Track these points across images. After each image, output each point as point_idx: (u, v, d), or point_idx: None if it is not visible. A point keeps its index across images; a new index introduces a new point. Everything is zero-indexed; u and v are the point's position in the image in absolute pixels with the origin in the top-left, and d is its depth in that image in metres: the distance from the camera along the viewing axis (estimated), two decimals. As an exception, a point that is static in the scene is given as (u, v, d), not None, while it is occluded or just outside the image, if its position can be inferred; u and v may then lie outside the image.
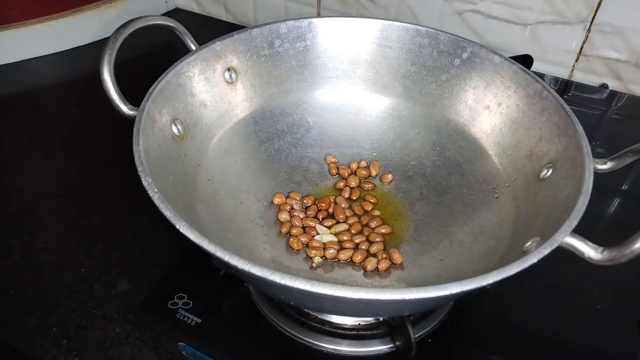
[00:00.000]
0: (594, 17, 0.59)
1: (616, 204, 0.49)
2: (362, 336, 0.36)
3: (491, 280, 0.25)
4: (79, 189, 0.50)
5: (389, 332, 0.36)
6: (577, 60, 0.63)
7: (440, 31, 0.45)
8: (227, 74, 0.43)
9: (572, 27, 0.60)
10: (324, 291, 0.23)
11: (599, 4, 0.57)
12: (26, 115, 0.60)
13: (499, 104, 0.42)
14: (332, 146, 0.48)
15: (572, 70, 0.64)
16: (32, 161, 0.53)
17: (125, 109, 0.36)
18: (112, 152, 0.54)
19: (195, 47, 0.42)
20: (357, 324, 0.36)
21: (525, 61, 0.57)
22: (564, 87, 0.64)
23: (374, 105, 0.48)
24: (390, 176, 0.46)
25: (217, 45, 0.42)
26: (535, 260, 0.26)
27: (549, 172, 0.36)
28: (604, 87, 0.63)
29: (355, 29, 0.47)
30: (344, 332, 0.36)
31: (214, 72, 0.42)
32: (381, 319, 0.36)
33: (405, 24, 0.46)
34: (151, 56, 0.71)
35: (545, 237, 0.28)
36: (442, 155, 0.45)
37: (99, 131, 0.57)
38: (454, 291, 0.24)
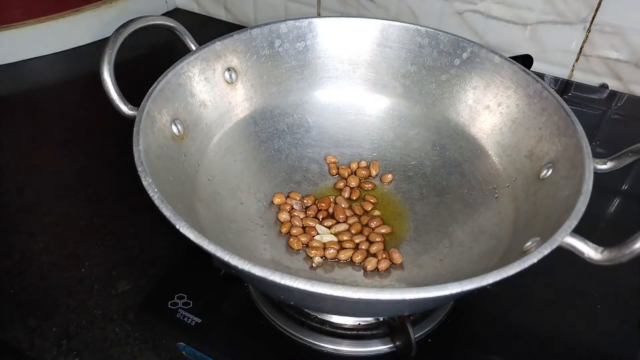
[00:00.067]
0: (594, 17, 0.59)
1: (616, 204, 0.49)
2: (362, 336, 0.36)
3: (491, 280, 0.25)
4: (79, 189, 0.50)
5: (389, 332, 0.36)
6: (577, 60, 0.63)
7: (440, 31, 0.45)
8: (227, 74, 0.43)
9: (572, 27, 0.60)
10: (324, 291, 0.23)
11: (599, 4, 0.57)
12: (26, 115, 0.60)
13: (499, 104, 0.42)
14: (332, 146, 0.48)
15: (572, 70, 0.64)
16: (32, 161, 0.53)
17: (125, 109, 0.36)
18: (112, 152, 0.54)
19: (195, 47, 0.42)
20: (357, 324, 0.36)
21: (525, 61, 0.57)
22: (564, 87, 0.64)
23: (374, 105, 0.48)
24: (390, 176, 0.46)
25: (217, 45, 0.42)
26: (535, 260, 0.26)
27: (549, 172, 0.36)
28: (604, 87, 0.63)
29: (355, 29, 0.47)
30: (344, 332, 0.36)
31: (214, 72, 0.42)
32: (381, 319, 0.36)
33: (405, 24, 0.46)
34: (151, 56, 0.71)
35: (545, 237, 0.28)
36: (442, 155, 0.45)
37: (99, 131, 0.57)
38: (454, 291, 0.24)
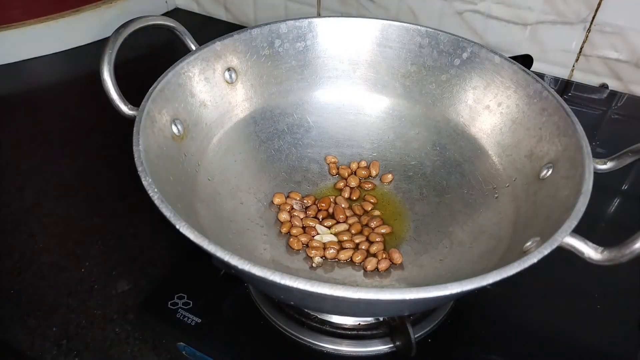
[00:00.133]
0: (594, 17, 0.59)
1: (616, 204, 0.49)
2: (362, 336, 0.36)
3: (491, 280, 0.25)
4: (79, 189, 0.50)
5: (389, 332, 0.36)
6: (577, 60, 0.63)
7: (440, 31, 0.45)
8: (227, 74, 0.43)
9: (572, 27, 0.60)
10: (324, 291, 0.23)
11: (599, 4, 0.57)
12: (26, 115, 0.60)
13: (499, 104, 0.42)
14: (332, 146, 0.48)
15: (572, 70, 0.64)
16: (32, 161, 0.53)
17: (125, 109, 0.36)
18: (112, 152, 0.54)
19: (195, 47, 0.42)
20: (357, 324, 0.36)
21: (525, 61, 0.57)
22: (564, 87, 0.64)
23: (374, 105, 0.48)
24: (390, 176, 0.46)
25: (217, 45, 0.42)
26: (535, 260, 0.26)
27: (549, 172, 0.36)
28: (604, 87, 0.63)
29: (355, 29, 0.47)
30: (344, 332, 0.36)
31: (214, 72, 0.42)
32: (381, 319, 0.36)
33: (405, 24, 0.46)
34: (151, 56, 0.71)
35: (545, 237, 0.28)
36: (442, 155, 0.45)
37: (99, 131, 0.57)
38: (454, 291, 0.24)
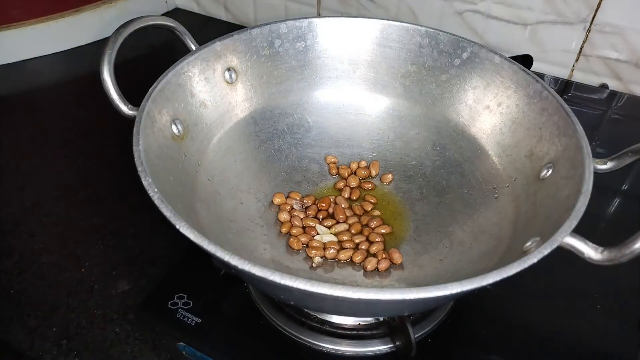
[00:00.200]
0: (594, 17, 0.59)
1: (616, 204, 0.49)
2: (362, 336, 0.36)
3: (491, 280, 0.25)
4: (79, 189, 0.50)
5: (389, 332, 0.36)
6: (577, 60, 0.63)
7: (440, 31, 0.45)
8: (227, 74, 0.43)
9: (572, 27, 0.60)
10: (324, 291, 0.23)
11: (599, 4, 0.57)
12: (26, 115, 0.60)
13: (499, 104, 0.42)
14: (332, 146, 0.48)
15: (572, 70, 0.64)
16: (32, 161, 0.53)
17: (125, 109, 0.36)
18: (112, 152, 0.54)
19: (195, 47, 0.42)
20: (357, 324, 0.36)
21: (525, 61, 0.57)
22: (564, 87, 0.64)
23: (374, 105, 0.48)
24: (390, 176, 0.46)
25: (217, 45, 0.42)
26: (535, 260, 0.26)
27: (549, 172, 0.36)
28: (604, 87, 0.63)
29: (355, 29, 0.47)
30: (344, 332, 0.36)
31: (214, 72, 0.42)
32: (381, 319, 0.36)
33: (405, 24, 0.46)
34: (151, 56, 0.71)
35: (545, 237, 0.28)
36: (442, 155, 0.45)
37: (99, 131, 0.57)
38: (454, 291, 0.24)
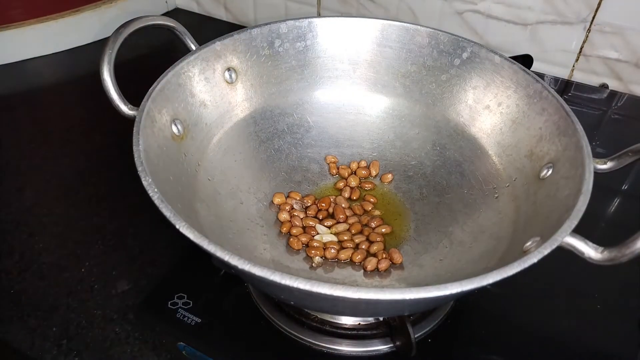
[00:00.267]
0: (594, 17, 0.59)
1: (616, 204, 0.49)
2: (362, 336, 0.36)
3: (491, 280, 0.25)
4: (79, 189, 0.50)
5: (389, 332, 0.36)
6: (577, 60, 0.63)
7: (440, 31, 0.45)
8: (227, 74, 0.43)
9: (572, 27, 0.60)
10: (324, 291, 0.23)
11: (599, 4, 0.57)
12: (26, 115, 0.60)
13: (499, 104, 0.42)
14: (332, 146, 0.48)
15: (572, 70, 0.64)
16: (32, 161, 0.53)
17: (125, 109, 0.36)
18: (112, 152, 0.54)
19: (195, 47, 0.42)
20: (357, 324, 0.36)
21: (525, 61, 0.57)
22: (564, 87, 0.64)
23: (374, 105, 0.48)
24: (390, 176, 0.46)
25: (217, 45, 0.42)
26: (535, 260, 0.26)
27: (549, 172, 0.36)
28: (604, 87, 0.63)
29: (355, 29, 0.47)
30: (344, 332, 0.36)
31: (214, 72, 0.42)
32: (381, 319, 0.36)
33: (405, 24, 0.46)
34: (151, 56, 0.71)
35: (545, 237, 0.28)
36: (442, 155, 0.45)
37: (99, 131, 0.57)
38: (454, 291, 0.24)
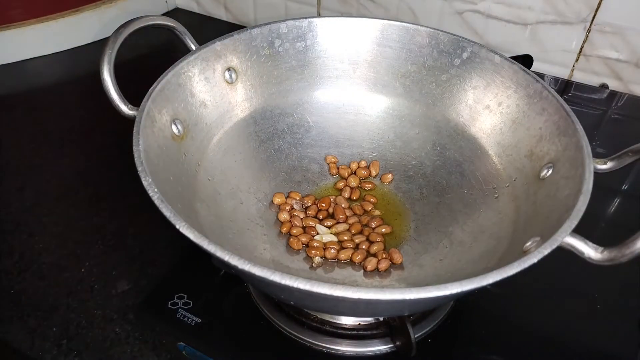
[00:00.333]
0: (594, 17, 0.59)
1: (616, 204, 0.49)
2: (362, 336, 0.36)
3: (491, 280, 0.25)
4: (79, 189, 0.50)
5: (389, 332, 0.36)
6: (577, 60, 0.63)
7: (440, 31, 0.45)
8: (227, 74, 0.43)
9: (572, 27, 0.60)
10: (324, 291, 0.23)
11: (599, 4, 0.57)
12: (26, 115, 0.60)
13: (499, 104, 0.42)
14: (332, 146, 0.48)
15: (572, 70, 0.64)
16: (32, 161, 0.53)
17: (125, 109, 0.36)
18: (112, 152, 0.54)
19: (195, 47, 0.42)
20: (357, 324, 0.36)
21: (525, 61, 0.57)
22: (564, 87, 0.64)
23: (374, 105, 0.48)
24: (390, 176, 0.46)
25: (217, 45, 0.42)
26: (535, 260, 0.26)
27: (549, 172, 0.36)
28: (604, 87, 0.63)
29: (355, 29, 0.47)
30: (344, 332, 0.36)
31: (214, 72, 0.42)
32: (381, 319, 0.36)
33: (405, 24, 0.46)
34: (151, 56, 0.71)
35: (545, 237, 0.28)
36: (442, 155, 0.45)
37: (99, 131, 0.57)
38: (454, 291, 0.24)
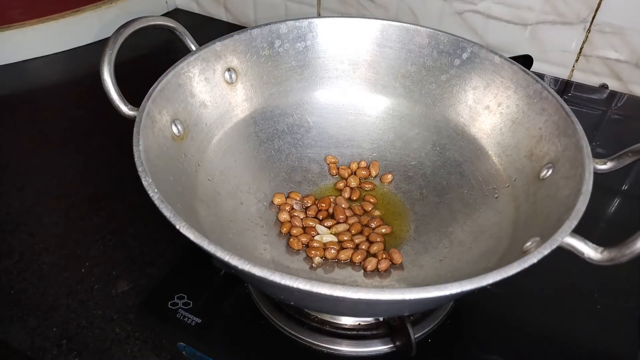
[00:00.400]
0: (594, 17, 0.59)
1: (616, 204, 0.49)
2: (362, 336, 0.36)
3: (491, 280, 0.25)
4: (79, 189, 0.50)
5: (389, 332, 0.36)
6: (577, 60, 0.63)
7: (440, 31, 0.45)
8: (227, 74, 0.43)
9: (572, 27, 0.60)
10: (324, 291, 0.23)
11: (599, 4, 0.57)
12: (26, 115, 0.60)
13: (499, 104, 0.42)
14: (332, 146, 0.48)
15: (572, 70, 0.64)
16: (32, 161, 0.53)
17: (125, 109, 0.36)
18: (112, 152, 0.54)
19: (195, 47, 0.42)
20: (357, 324, 0.36)
21: (525, 61, 0.57)
22: (564, 87, 0.64)
23: (374, 105, 0.48)
24: (390, 176, 0.46)
25: (217, 45, 0.42)
26: (535, 260, 0.26)
27: (549, 172, 0.36)
28: (604, 87, 0.63)
29: (355, 29, 0.47)
30: (344, 332, 0.36)
31: (214, 72, 0.42)
32: (381, 319, 0.36)
33: (405, 24, 0.46)
34: (151, 56, 0.71)
35: (545, 237, 0.28)
36: (442, 155, 0.45)
37: (99, 131, 0.57)
38: (454, 291, 0.24)
